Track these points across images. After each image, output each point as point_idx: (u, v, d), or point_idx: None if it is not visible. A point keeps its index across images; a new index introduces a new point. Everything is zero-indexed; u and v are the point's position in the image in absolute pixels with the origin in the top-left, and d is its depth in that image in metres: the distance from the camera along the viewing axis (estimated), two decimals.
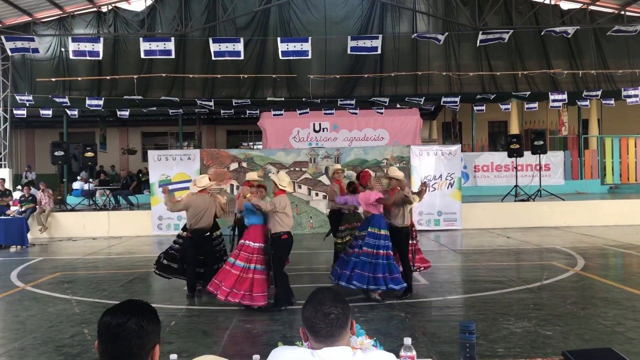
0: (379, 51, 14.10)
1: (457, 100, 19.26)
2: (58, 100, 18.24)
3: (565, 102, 19.10)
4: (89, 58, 14.60)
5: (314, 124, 20.12)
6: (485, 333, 5.40)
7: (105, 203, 16.88)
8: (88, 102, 18.10)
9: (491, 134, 26.18)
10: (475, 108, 20.43)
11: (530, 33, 19.96)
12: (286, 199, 6.87)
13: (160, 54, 14.08)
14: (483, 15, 18.63)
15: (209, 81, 19.98)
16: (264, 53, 20.08)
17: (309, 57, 14.13)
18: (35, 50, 13.66)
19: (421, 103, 19.56)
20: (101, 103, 18.26)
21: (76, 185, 19.86)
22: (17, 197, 15.54)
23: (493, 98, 19.48)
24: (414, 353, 2.33)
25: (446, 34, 15.53)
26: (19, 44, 13.13)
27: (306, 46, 13.52)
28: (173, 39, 14.13)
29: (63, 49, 19.68)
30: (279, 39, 14.05)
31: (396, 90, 20.05)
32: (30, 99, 18.52)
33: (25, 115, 19.58)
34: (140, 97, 18.85)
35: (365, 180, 8.15)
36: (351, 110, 19.45)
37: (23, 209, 14.67)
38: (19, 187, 17.64)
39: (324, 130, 20.16)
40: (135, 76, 19.05)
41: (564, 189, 18.16)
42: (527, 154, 17.08)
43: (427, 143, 20.22)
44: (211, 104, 18.94)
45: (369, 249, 7.03)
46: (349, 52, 14.59)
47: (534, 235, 13.23)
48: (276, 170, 14.59)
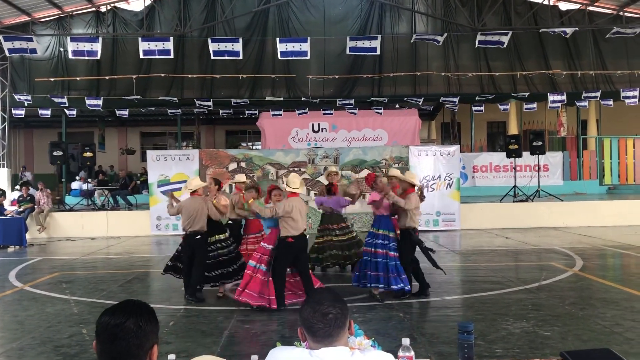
0: (377, 52, 14.11)
1: (456, 100, 19.28)
2: (57, 100, 18.22)
3: (564, 103, 19.12)
4: (87, 58, 14.60)
5: (313, 124, 20.10)
6: (483, 333, 5.40)
7: (103, 203, 16.87)
8: (87, 102, 18.11)
9: (490, 135, 26.19)
10: (474, 108, 20.46)
11: (529, 34, 19.99)
12: (292, 202, 6.56)
13: (159, 54, 14.09)
14: (482, 15, 18.64)
15: (208, 81, 19.98)
16: (262, 53, 20.09)
17: (308, 58, 14.15)
18: (33, 51, 13.58)
19: (420, 103, 19.58)
20: (100, 103, 18.25)
21: (75, 185, 19.83)
22: (16, 197, 15.53)
23: (492, 98, 19.51)
24: (412, 353, 2.34)
25: (445, 34, 15.55)
26: (17, 44, 13.09)
27: (305, 46, 13.52)
28: (172, 39, 14.13)
29: (62, 49, 19.67)
30: (277, 40, 14.06)
31: (395, 91, 20.07)
32: (28, 98, 18.50)
33: (23, 115, 19.56)
34: (139, 97, 18.85)
35: (369, 181, 8.20)
36: (350, 111, 19.45)
37: (21, 209, 14.64)
38: (17, 187, 17.62)
39: (322, 131, 20.14)
40: (134, 76, 19.04)
41: (562, 190, 18.16)
42: (526, 154, 17.08)
43: (426, 143, 20.24)
44: (210, 104, 18.93)
45: (368, 248, 7.15)
46: (348, 53, 14.60)
47: (533, 235, 13.24)
48: (275, 170, 14.59)
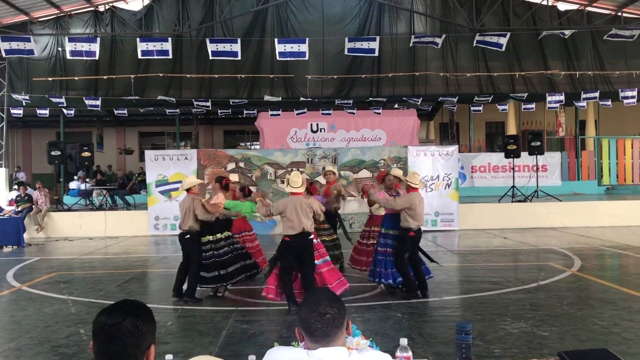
0: (376, 53, 14.12)
1: (455, 100, 19.28)
2: (55, 100, 18.19)
3: (562, 104, 19.14)
4: (85, 58, 14.55)
5: (312, 124, 20.09)
6: (481, 333, 5.40)
7: (101, 203, 16.84)
8: (86, 102, 18.08)
9: (488, 135, 26.19)
10: (472, 109, 20.47)
11: (528, 34, 19.99)
12: (287, 201, 6.52)
13: (157, 54, 14.08)
14: (480, 16, 18.65)
15: (206, 81, 19.97)
16: (261, 53, 20.08)
17: (306, 58, 14.15)
18: (30, 52, 13.40)
19: (418, 104, 19.58)
20: (99, 103, 18.23)
21: (73, 185, 19.80)
22: (14, 197, 15.49)
23: (490, 99, 19.52)
24: (410, 354, 2.33)
25: (444, 35, 15.55)
26: (15, 45, 12.98)
27: (303, 47, 13.52)
28: (170, 39, 14.12)
29: (60, 49, 19.64)
30: (276, 40, 14.05)
31: (394, 91, 20.08)
32: (27, 98, 18.47)
33: (22, 115, 19.54)
34: (137, 98, 18.82)
35: (379, 179, 8.26)
36: (349, 111, 19.45)
37: (19, 208, 14.61)
38: (15, 187, 17.58)
39: (321, 131, 20.14)
40: (132, 76, 19.01)
41: (561, 190, 18.16)
42: (524, 154, 17.08)
43: (425, 143, 20.23)
44: (208, 104, 18.91)
45: (382, 248, 7.36)
46: (346, 54, 14.59)
47: (531, 236, 13.24)
48: (273, 170, 14.58)
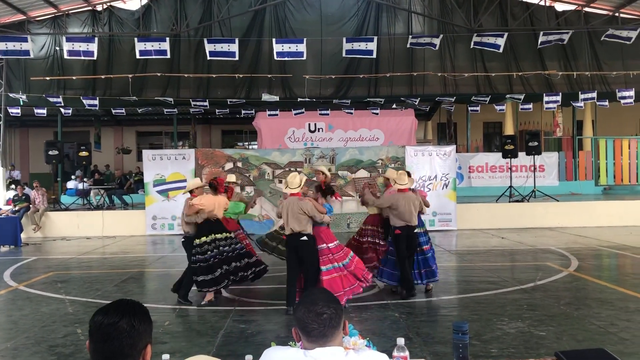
0: (374, 55, 14.10)
1: (452, 100, 19.28)
2: (52, 99, 18.14)
3: (559, 104, 19.16)
4: (83, 58, 14.51)
5: (310, 124, 20.10)
6: (478, 333, 5.41)
7: (99, 203, 16.81)
8: (84, 102, 18.04)
9: (486, 135, 26.23)
10: (470, 109, 20.47)
11: (525, 35, 20.01)
12: (284, 203, 6.63)
13: (155, 54, 14.06)
14: (478, 16, 18.66)
15: (204, 81, 19.94)
16: (259, 52, 20.05)
17: (304, 58, 14.14)
18: (26, 53, 13.24)
19: (416, 104, 19.58)
20: (97, 103, 18.19)
21: (70, 184, 19.76)
22: (11, 196, 15.46)
23: (488, 99, 19.53)
24: (407, 353, 2.33)
25: (441, 36, 15.55)
26: (11, 46, 12.93)
27: (301, 47, 13.51)
28: (168, 39, 14.10)
29: (58, 48, 19.60)
30: (274, 40, 14.04)
31: (391, 91, 20.07)
32: (24, 97, 18.42)
33: (19, 114, 19.50)
34: (135, 98, 18.78)
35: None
36: (346, 111, 19.45)
37: (17, 208, 14.59)
38: (13, 187, 17.55)
39: (319, 131, 20.15)
40: (130, 75, 18.97)
41: (558, 190, 18.20)
42: (522, 154, 17.11)
43: (422, 144, 20.21)
44: (206, 103, 18.88)
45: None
46: (344, 55, 14.58)
47: (528, 236, 13.27)
48: (271, 170, 14.57)
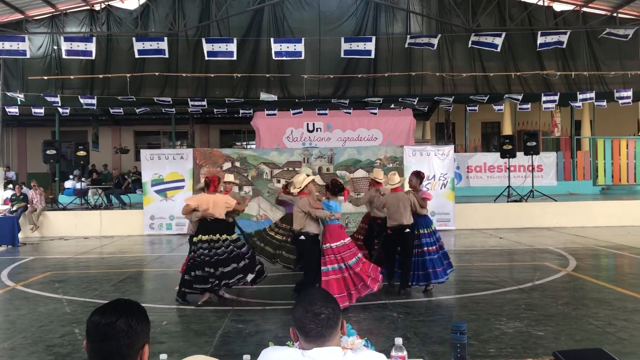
0: (372, 55, 14.09)
1: (451, 100, 19.28)
2: (50, 99, 18.11)
3: (557, 104, 19.18)
4: (81, 58, 14.48)
5: (308, 124, 20.09)
6: (476, 333, 5.41)
7: (97, 202, 16.78)
8: (82, 101, 18.01)
9: (484, 135, 26.26)
10: (468, 109, 20.48)
11: (524, 34, 20.02)
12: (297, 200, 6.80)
13: (154, 53, 14.04)
14: (476, 16, 18.67)
15: (202, 80, 19.92)
16: (257, 52, 20.04)
17: (302, 58, 14.13)
18: (23, 53, 13.20)
19: (414, 103, 19.59)
20: (94, 102, 18.16)
21: (68, 184, 19.73)
22: (9, 196, 15.43)
23: (486, 99, 19.54)
24: (405, 353, 2.33)
25: (439, 35, 15.55)
26: (7, 46, 12.87)
27: (299, 47, 13.50)
28: (166, 38, 14.08)
29: (55, 47, 19.56)
30: (272, 40, 14.02)
31: (390, 91, 20.07)
32: (22, 97, 18.38)
33: (17, 114, 19.46)
34: (133, 98, 18.75)
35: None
36: (345, 110, 19.44)
37: (14, 207, 14.56)
38: (10, 186, 17.53)
39: (317, 130, 20.14)
40: (128, 75, 18.95)
41: (556, 190, 18.23)
42: (520, 154, 17.13)
43: (421, 143, 20.24)
44: (204, 103, 18.86)
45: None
46: (343, 56, 14.57)
47: (527, 235, 13.28)
48: (269, 170, 14.56)
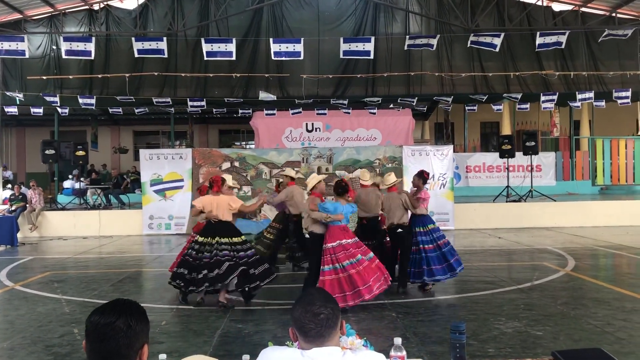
0: (371, 56, 14.09)
1: (450, 100, 19.29)
2: (49, 98, 18.10)
3: (556, 104, 19.19)
4: (81, 57, 14.47)
5: (307, 124, 20.09)
6: (475, 333, 5.41)
7: (96, 202, 16.76)
8: (80, 101, 18.00)
9: (483, 135, 26.27)
10: (467, 109, 20.50)
11: (522, 35, 20.03)
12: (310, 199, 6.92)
13: (153, 53, 14.03)
14: (475, 17, 18.68)
15: (201, 80, 19.92)
16: (256, 52, 20.04)
17: (301, 58, 14.13)
18: (22, 53, 13.17)
19: (414, 103, 19.60)
20: (93, 102, 18.15)
21: (67, 184, 19.71)
22: (7, 196, 15.42)
23: (485, 99, 19.55)
24: (404, 353, 2.33)
25: (438, 36, 15.55)
26: (6, 46, 12.85)
27: (299, 47, 13.50)
28: (165, 38, 14.07)
29: (54, 47, 19.55)
30: (271, 40, 14.02)
31: (389, 91, 20.08)
32: (21, 96, 18.37)
33: (16, 113, 19.44)
34: (132, 98, 18.73)
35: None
36: (344, 110, 19.44)
37: (13, 207, 14.55)
38: (9, 186, 17.51)
39: (316, 130, 20.14)
40: (127, 75, 18.94)
41: (555, 190, 18.24)
42: (519, 154, 17.14)
43: (420, 143, 20.25)
44: (203, 103, 18.85)
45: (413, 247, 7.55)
46: (342, 57, 14.56)
47: (525, 235, 13.29)
48: (268, 169, 14.56)
